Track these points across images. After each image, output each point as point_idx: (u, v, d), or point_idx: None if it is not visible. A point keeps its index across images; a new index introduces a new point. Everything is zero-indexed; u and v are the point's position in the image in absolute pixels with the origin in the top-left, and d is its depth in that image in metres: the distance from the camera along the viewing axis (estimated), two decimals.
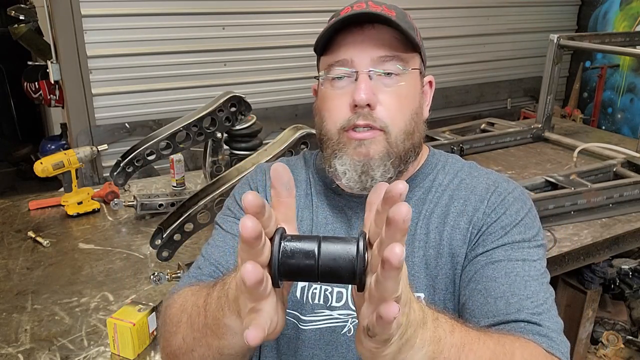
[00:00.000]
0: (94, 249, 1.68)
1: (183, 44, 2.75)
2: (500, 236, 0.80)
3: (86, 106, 2.59)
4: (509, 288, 0.75)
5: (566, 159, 2.42)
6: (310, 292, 0.83)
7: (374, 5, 0.80)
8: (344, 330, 0.82)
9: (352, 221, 0.86)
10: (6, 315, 1.35)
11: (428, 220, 0.84)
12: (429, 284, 0.81)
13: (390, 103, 0.78)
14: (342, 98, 0.79)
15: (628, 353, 2.24)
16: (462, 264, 0.81)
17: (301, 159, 0.97)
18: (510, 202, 0.83)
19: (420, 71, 0.85)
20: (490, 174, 0.89)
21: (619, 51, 2.74)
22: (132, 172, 1.80)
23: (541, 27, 3.84)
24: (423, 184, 0.88)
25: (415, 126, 0.82)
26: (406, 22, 0.81)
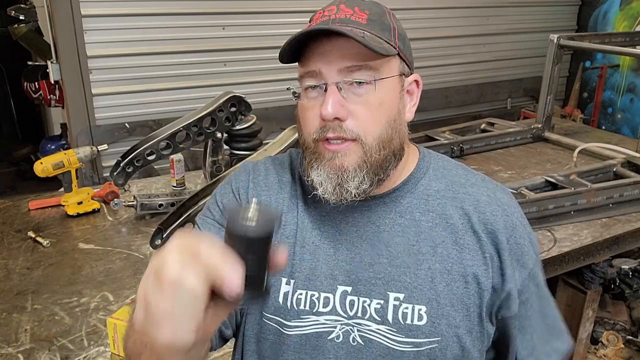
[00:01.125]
0: (94, 249, 1.68)
1: (183, 44, 2.75)
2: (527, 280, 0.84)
3: (86, 106, 2.59)
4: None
5: (566, 159, 2.42)
6: (295, 297, 0.81)
7: (345, 9, 0.78)
8: (331, 336, 0.80)
9: (340, 226, 0.84)
10: (6, 315, 1.35)
11: (432, 232, 0.82)
12: (433, 298, 0.79)
13: (361, 113, 0.76)
14: (314, 109, 0.78)
15: (628, 353, 2.24)
16: (490, 291, 0.81)
17: (287, 158, 0.94)
18: (521, 231, 0.84)
19: (401, 73, 0.82)
20: (485, 182, 0.88)
21: (619, 51, 2.74)
22: (132, 172, 1.81)
23: (541, 27, 3.84)
24: (415, 189, 0.85)
25: (393, 132, 0.79)
26: (380, 23, 0.79)
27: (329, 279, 0.81)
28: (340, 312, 0.80)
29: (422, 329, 0.78)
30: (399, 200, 0.84)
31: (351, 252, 0.82)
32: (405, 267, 0.80)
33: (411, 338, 0.78)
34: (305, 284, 0.81)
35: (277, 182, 0.89)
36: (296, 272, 0.82)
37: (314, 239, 0.83)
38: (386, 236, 0.81)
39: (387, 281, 0.79)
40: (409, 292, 0.79)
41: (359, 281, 0.80)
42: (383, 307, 0.79)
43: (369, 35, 0.76)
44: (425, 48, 3.46)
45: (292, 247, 0.83)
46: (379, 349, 0.78)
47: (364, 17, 0.78)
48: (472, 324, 0.80)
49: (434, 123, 3.26)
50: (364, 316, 0.79)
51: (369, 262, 0.81)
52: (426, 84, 4.08)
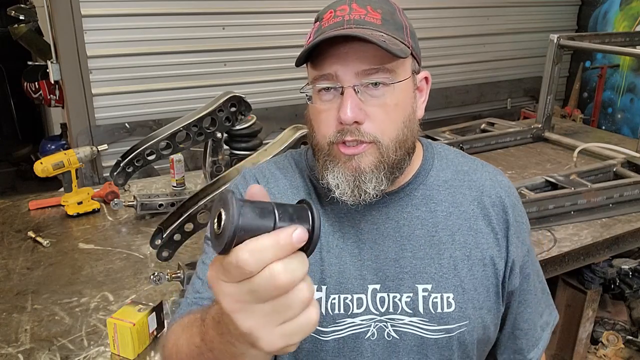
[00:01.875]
0: (94, 249, 1.68)
1: (183, 44, 2.75)
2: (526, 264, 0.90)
3: (86, 106, 2.59)
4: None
5: (566, 159, 2.42)
6: (329, 303, 0.81)
7: (358, 8, 0.77)
8: (367, 335, 0.81)
9: (360, 226, 0.84)
10: (6, 315, 1.35)
11: (448, 221, 0.85)
12: (458, 285, 0.82)
13: (379, 115, 0.76)
14: (330, 112, 0.77)
15: (628, 353, 2.24)
16: (503, 271, 0.86)
17: (291, 161, 0.92)
18: (519, 210, 0.91)
19: (413, 71, 0.82)
20: (484, 167, 0.93)
21: (619, 51, 2.74)
22: (132, 172, 1.81)
23: (541, 27, 3.84)
24: (426, 181, 0.87)
25: (408, 132, 0.80)
26: (394, 22, 0.78)
27: (359, 279, 0.82)
28: (373, 310, 0.81)
29: (452, 315, 0.81)
30: (412, 194, 0.86)
31: (375, 250, 0.83)
32: (429, 258, 0.83)
33: (443, 325, 0.81)
34: (337, 288, 0.81)
35: (289, 187, 0.88)
36: (327, 278, 0.82)
37: (337, 242, 0.83)
38: (406, 230, 0.84)
39: (413, 274, 0.82)
40: (436, 282, 0.82)
41: (386, 277, 0.82)
42: (413, 299, 0.81)
43: (387, 37, 0.75)
44: (426, 48, 3.43)
45: (318, 253, 0.83)
46: (413, 339, 0.81)
47: (377, 17, 0.77)
48: (491, 304, 0.85)
49: (434, 123, 3.26)
50: (396, 311, 0.81)
51: (394, 258, 0.82)
52: None
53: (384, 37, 0.74)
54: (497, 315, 0.87)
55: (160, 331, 1.27)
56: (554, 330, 2.07)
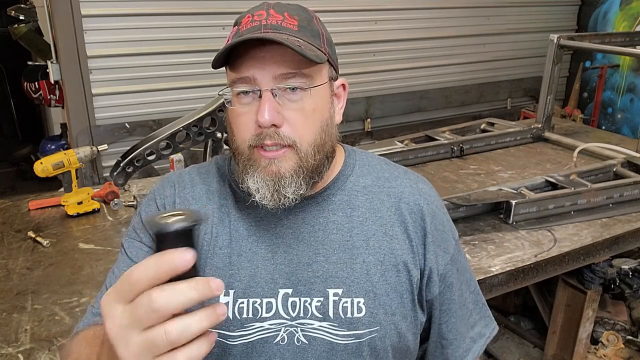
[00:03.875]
0: (94, 249, 1.68)
1: (183, 44, 2.76)
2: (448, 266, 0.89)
3: (86, 106, 2.59)
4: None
5: (566, 159, 2.42)
6: (237, 307, 0.80)
7: (275, 14, 0.78)
8: (276, 340, 0.80)
9: (276, 230, 0.84)
10: (6, 315, 1.35)
11: (364, 227, 0.85)
12: (369, 290, 0.82)
13: (296, 119, 0.77)
14: (248, 115, 0.77)
15: (628, 353, 2.24)
16: (419, 279, 0.86)
17: (213, 166, 0.92)
18: (441, 218, 0.90)
19: (330, 78, 0.83)
20: (407, 174, 0.93)
21: (619, 51, 2.74)
22: (132, 172, 1.81)
23: (541, 27, 3.84)
24: (345, 186, 0.87)
25: (326, 136, 0.81)
26: (310, 29, 0.80)
27: (270, 283, 0.81)
28: (283, 315, 0.80)
29: (362, 320, 0.81)
30: (330, 199, 0.86)
31: (289, 254, 0.82)
32: (342, 262, 0.82)
33: (352, 330, 0.81)
34: (246, 292, 0.81)
35: (205, 193, 0.88)
36: (235, 282, 0.81)
37: (250, 246, 0.83)
38: (321, 235, 0.84)
39: (325, 278, 0.81)
40: (347, 286, 0.82)
41: (299, 282, 0.81)
42: (323, 304, 0.81)
43: (303, 42, 0.76)
44: (425, 48, 3.46)
45: (227, 257, 0.82)
46: (322, 345, 0.80)
47: (294, 24, 0.78)
48: (406, 310, 0.84)
49: (434, 123, 3.26)
50: (306, 315, 0.80)
51: (307, 262, 0.82)
52: (426, 83, 4.12)
53: (300, 42, 0.75)
54: (414, 324, 0.85)
55: None
56: (554, 330, 2.08)
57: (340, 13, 3.12)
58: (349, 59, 3.18)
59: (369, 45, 3.22)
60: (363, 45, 3.23)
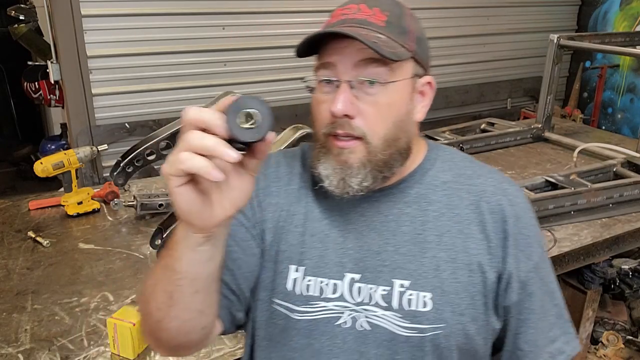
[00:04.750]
0: (94, 249, 1.68)
1: (183, 44, 2.75)
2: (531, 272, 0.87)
3: (86, 106, 2.59)
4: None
5: (566, 159, 2.42)
6: (304, 284, 0.84)
7: (365, 9, 0.80)
8: (339, 322, 0.83)
9: (349, 216, 0.86)
10: (6, 315, 1.35)
11: (438, 222, 0.85)
12: (437, 286, 0.82)
13: (370, 112, 0.79)
14: (326, 104, 0.81)
15: (628, 353, 2.24)
16: (496, 283, 0.84)
17: (299, 151, 0.97)
18: (525, 223, 0.87)
19: (414, 75, 0.84)
20: (491, 174, 0.91)
21: (619, 51, 2.74)
22: (132, 172, 1.81)
23: (541, 27, 3.84)
24: (423, 180, 0.88)
25: (400, 132, 0.82)
26: (398, 26, 0.81)
27: (338, 266, 0.84)
28: (348, 299, 0.83)
29: (427, 315, 0.81)
30: (406, 191, 0.86)
31: (359, 241, 0.85)
32: (411, 255, 0.83)
33: (415, 324, 0.81)
34: (314, 271, 0.84)
35: (287, 174, 0.92)
36: (305, 260, 0.85)
37: (323, 228, 0.86)
38: (393, 225, 0.85)
39: (392, 268, 0.83)
40: (414, 279, 0.82)
41: (366, 269, 0.83)
42: (389, 293, 0.82)
43: (384, 38, 0.78)
44: None
45: (301, 236, 0.86)
46: (384, 333, 0.82)
47: (382, 19, 0.80)
48: (476, 312, 0.83)
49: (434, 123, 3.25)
50: (370, 302, 0.82)
51: (376, 251, 0.84)
52: None
53: (380, 38, 0.77)
54: (485, 328, 0.84)
55: None
56: None
57: None
58: None
59: None
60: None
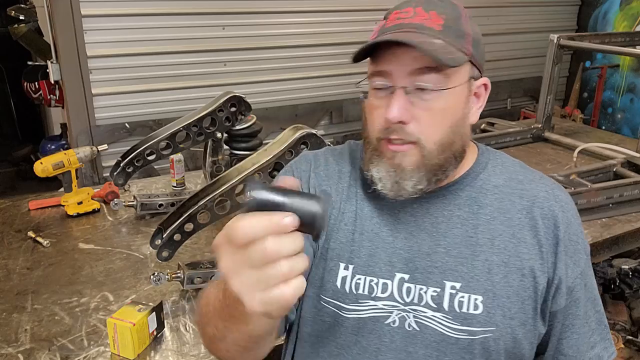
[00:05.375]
0: (94, 249, 1.68)
1: (183, 44, 2.75)
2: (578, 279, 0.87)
3: (86, 106, 2.59)
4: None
5: (566, 159, 2.42)
6: (354, 282, 0.84)
7: (422, 12, 0.80)
8: (387, 321, 0.83)
9: (399, 216, 0.87)
10: (6, 315, 1.35)
11: (490, 225, 0.84)
12: (489, 289, 0.81)
13: (425, 118, 0.79)
14: (381, 109, 0.81)
15: (628, 353, 2.24)
16: (546, 288, 0.84)
17: (347, 148, 0.98)
18: (575, 229, 0.87)
19: (471, 77, 0.84)
20: (542, 179, 0.91)
21: (619, 51, 2.74)
22: (132, 172, 1.81)
23: (541, 27, 3.84)
24: (474, 183, 0.88)
25: (455, 136, 0.82)
26: (456, 29, 0.80)
27: (388, 265, 0.84)
28: (397, 298, 0.83)
29: (478, 318, 0.80)
30: (457, 193, 0.87)
31: (409, 241, 0.85)
32: (462, 257, 0.83)
33: (466, 326, 0.80)
34: (364, 270, 0.85)
35: (337, 172, 0.93)
36: (355, 258, 0.85)
37: (373, 227, 0.87)
38: (444, 227, 0.85)
39: (443, 270, 0.83)
40: (466, 281, 0.82)
41: (416, 269, 0.84)
42: (439, 294, 0.82)
43: (441, 43, 0.77)
44: None
45: (351, 234, 0.87)
46: (434, 335, 0.82)
47: (439, 23, 0.79)
48: (526, 317, 0.82)
49: None
50: (420, 303, 0.82)
51: (426, 252, 0.84)
52: None
53: (437, 44, 0.77)
54: (533, 332, 0.84)
55: (161, 331, 1.27)
56: None
57: (343, 13, 3.12)
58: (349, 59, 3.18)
59: None
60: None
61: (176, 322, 1.32)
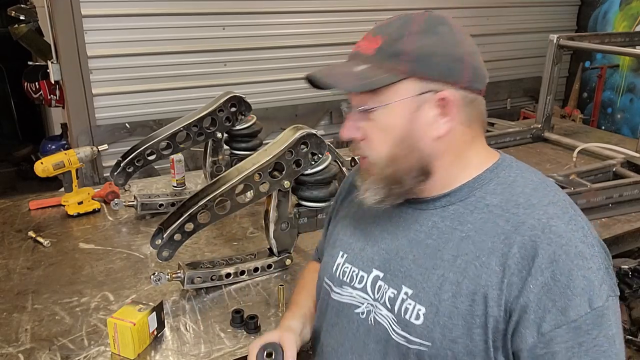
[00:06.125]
0: (95, 249, 1.68)
1: (183, 44, 2.76)
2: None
3: (86, 106, 2.60)
4: None
5: (566, 159, 2.42)
6: (342, 269, 0.97)
7: (368, 36, 0.88)
8: (357, 310, 0.92)
9: (392, 219, 0.94)
10: (7, 315, 1.35)
11: (461, 243, 0.83)
12: (434, 304, 0.81)
13: (371, 135, 0.88)
14: None
15: (628, 353, 2.24)
16: (503, 320, 0.77)
17: None
18: (564, 270, 0.74)
19: (420, 93, 0.82)
20: (548, 206, 0.81)
21: (618, 51, 2.74)
22: (132, 172, 1.81)
23: (541, 27, 3.84)
24: (466, 198, 0.86)
25: (405, 150, 0.86)
26: (391, 50, 0.83)
27: (369, 261, 0.93)
28: (369, 292, 0.91)
29: (416, 328, 0.83)
30: (446, 206, 0.88)
31: (392, 244, 0.91)
32: (424, 267, 0.85)
33: (405, 332, 0.84)
34: (352, 260, 0.96)
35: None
36: (349, 249, 0.98)
37: (368, 225, 0.97)
38: (422, 236, 0.88)
39: (405, 275, 0.87)
40: (417, 290, 0.84)
41: (389, 270, 0.90)
42: (395, 297, 0.87)
43: (362, 69, 0.84)
44: None
45: (351, 227, 1.01)
46: (383, 333, 0.88)
47: (374, 47, 0.85)
48: (474, 347, 0.78)
49: None
50: (381, 300, 0.89)
51: (401, 256, 0.89)
52: None
53: (355, 72, 0.84)
54: (461, 337, 0.79)
55: (161, 331, 1.27)
56: None
57: (339, 13, 3.13)
58: None
59: None
60: None
61: (176, 322, 1.32)
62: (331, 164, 1.57)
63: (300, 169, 1.49)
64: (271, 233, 1.52)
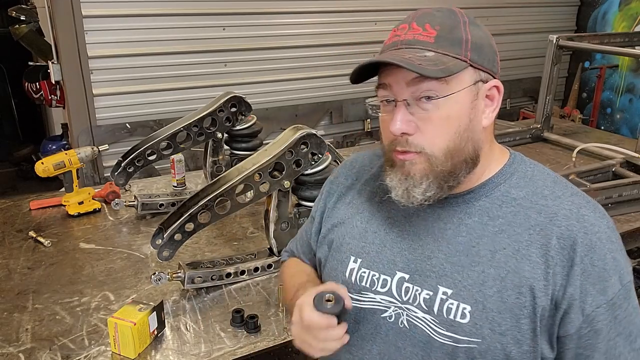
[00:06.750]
0: (95, 249, 1.69)
1: (184, 45, 2.76)
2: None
3: (87, 106, 2.60)
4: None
5: (565, 159, 2.42)
6: (359, 274, 0.91)
7: (415, 27, 0.83)
8: (384, 315, 0.88)
9: (411, 218, 0.90)
10: (7, 314, 1.35)
11: (495, 238, 0.83)
12: (479, 300, 0.81)
13: (428, 128, 0.81)
14: (387, 122, 0.84)
15: None
16: (549, 309, 0.80)
17: (380, 151, 0.99)
18: (600, 255, 0.80)
19: (477, 82, 0.84)
20: (573, 197, 0.85)
21: (618, 51, 2.74)
22: (133, 172, 1.81)
23: (541, 27, 3.85)
24: (491, 193, 0.87)
25: (463, 141, 0.83)
26: (450, 38, 0.81)
27: (390, 263, 0.89)
28: (395, 295, 0.88)
29: (464, 326, 0.81)
30: (471, 202, 0.87)
31: (415, 244, 0.88)
32: (460, 265, 0.83)
33: (451, 332, 0.82)
34: (369, 264, 0.91)
35: (367, 172, 1.01)
36: (364, 253, 0.92)
37: (385, 227, 0.93)
38: (449, 234, 0.86)
39: (439, 275, 0.84)
40: (458, 289, 0.82)
41: (415, 270, 0.87)
42: (431, 298, 0.84)
43: (432, 55, 0.79)
44: None
45: (364, 231, 0.94)
46: (421, 335, 0.85)
47: (432, 35, 0.81)
48: (522, 336, 0.80)
49: None
50: (414, 303, 0.85)
51: (428, 256, 0.86)
52: None
53: (427, 57, 0.79)
54: (532, 354, 0.80)
55: (161, 330, 1.28)
56: None
57: (343, 14, 3.13)
58: (349, 59, 3.19)
59: (368, 46, 3.23)
60: (362, 46, 3.23)
61: (177, 322, 1.33)
62: (331, 164, 1.57)
63: (300, 169, 1.50)
64: (271, 233, 1.52)
